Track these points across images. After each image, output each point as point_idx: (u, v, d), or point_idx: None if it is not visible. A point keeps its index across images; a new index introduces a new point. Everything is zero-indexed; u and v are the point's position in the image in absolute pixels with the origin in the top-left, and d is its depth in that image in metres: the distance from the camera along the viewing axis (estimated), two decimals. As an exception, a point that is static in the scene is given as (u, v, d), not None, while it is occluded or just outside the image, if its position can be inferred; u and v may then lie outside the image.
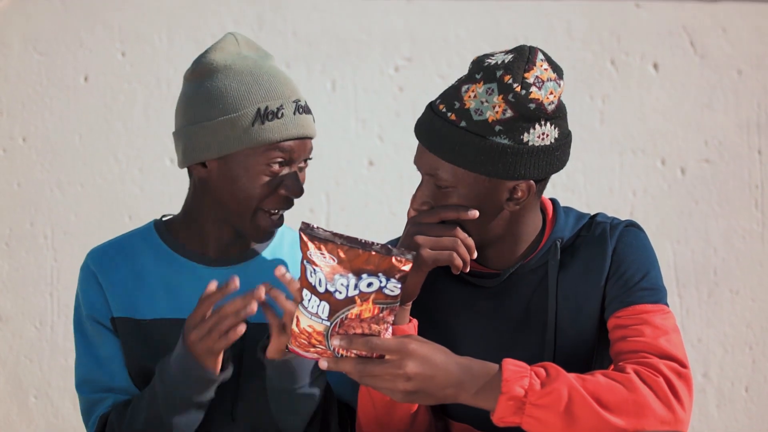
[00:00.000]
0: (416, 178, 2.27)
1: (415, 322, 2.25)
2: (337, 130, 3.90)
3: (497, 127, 2.13)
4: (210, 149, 2.30)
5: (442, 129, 2.15)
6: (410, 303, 2.23)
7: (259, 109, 2.28)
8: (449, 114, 2.15)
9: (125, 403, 2.33)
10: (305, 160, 2.36)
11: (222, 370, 2.23)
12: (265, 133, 2.28)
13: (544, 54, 2.18)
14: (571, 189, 3.89)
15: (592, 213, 2.36)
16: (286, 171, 2.31)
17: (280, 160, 2.30)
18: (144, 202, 3.86)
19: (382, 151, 3.91)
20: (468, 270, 2.20)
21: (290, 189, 2.31)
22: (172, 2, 3.87)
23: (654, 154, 3.93)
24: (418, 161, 2.21)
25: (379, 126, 3.92)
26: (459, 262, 2.17)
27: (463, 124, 2.14)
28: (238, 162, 2.30)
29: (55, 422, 3.89)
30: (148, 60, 3.85)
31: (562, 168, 2.22)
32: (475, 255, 2.20)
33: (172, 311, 2.37)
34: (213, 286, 2.16)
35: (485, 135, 2.13)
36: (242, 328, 2.14)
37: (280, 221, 2.35)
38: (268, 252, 2.46)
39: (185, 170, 2.41)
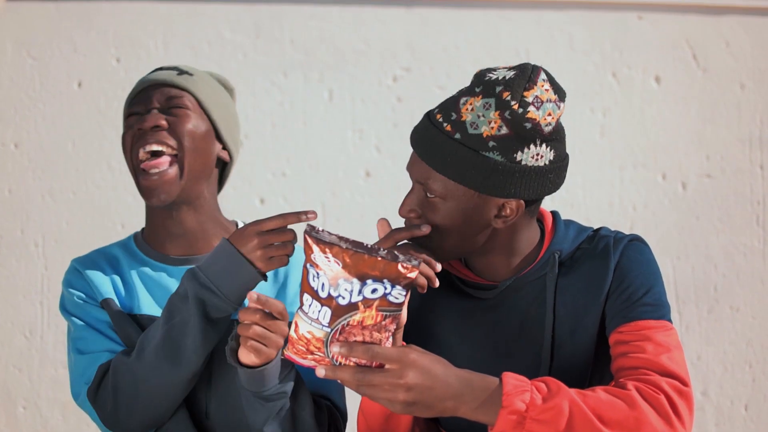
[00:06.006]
0: (414, 190, 2.26)
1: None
2: (334, 140, 3.90)
3: (491, 143, 2.11)
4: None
5: (437, 139, 2.14)
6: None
7: None
8: (445, 125, 2.14)
9: (128, 349, 2.36)
10: (174, 107, 2.44)
11: None
12: (126, 100, 2.49)
13: (548, 74, 2.17)
14: (571, 203, 3.88)
15: (589, 227, 2.34)
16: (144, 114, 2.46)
17: (129, 111, 2.45)
18: (137, 211, 3.83)
19: (380, 162, 3.90)
20: (436, 286, 2.16)
21: (138, 124, 2.42)
22: (168, 8, 3.86)
23: (655, 169, 3.93)
24: (411, 168, 2.20)
25: (376, 137, 3.91)
26: (422, 281, 2.13)
27: (457, 136, 2.12)
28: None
29: (43, 433, 3.88)
30: (143, 66, 3.82)
31: (555, 191, 2.21)
32: (439, 268, 2.15)
33: (156, 311, 2.43)
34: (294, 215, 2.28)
35: (478, 149, 2.11)
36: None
37: (159, 179, 2.41)
38: None
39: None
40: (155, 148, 2.40)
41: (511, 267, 2.26)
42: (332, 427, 2.40)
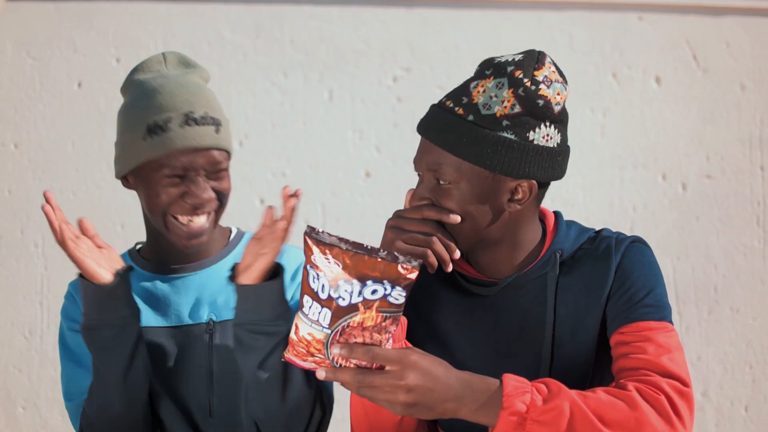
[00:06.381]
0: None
1: (404, 319, 2.23)
2: (334, 140, 3.89)
3: (504, 122, 2.13)
4: (120, 166, 2.42)
5: (449, 122, 2.16)
6: None
7: (148, 125, 2.34)
8: (457, 109, 2.16)
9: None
10: (218, 171, 2.39)
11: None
12: (151, 148, 2.34)
13: (551, 59, 2.20)
14: (571, 203, 3.87)
15: (591, 228, 2.34)
16: (189, 181, 2.37)
17: (170, 173, 2.35)
18: (137, 211, 3.78)
19: (380, 163, 3.89)
20: (449, 270, 2.19)
21: (190, 198, 2.36)
22: (168, 8, 3.86)
23: (655, 169, 3.93)
24: (420, 159, 2.20)
25: (376, 137, 3.90)
26: (433, 260, 2.15)
27: (470, 117, 2.14)
28: (142, 176, 2.38)
29: (43, 433, 3.88)
30: (143, 66, 3.83)
31: (561, 177, 2.22)
32: (457, 255, 2.18)
33: (153, 320, 2.45)
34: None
35: (492, 129, 2.13)
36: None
37: (198, 227, 2.39)
38: (230, 259, 2.50)
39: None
40: (203, 219, 2.39)
41: (514, 264, 2.26)
42: (318, 398, 2.39)
